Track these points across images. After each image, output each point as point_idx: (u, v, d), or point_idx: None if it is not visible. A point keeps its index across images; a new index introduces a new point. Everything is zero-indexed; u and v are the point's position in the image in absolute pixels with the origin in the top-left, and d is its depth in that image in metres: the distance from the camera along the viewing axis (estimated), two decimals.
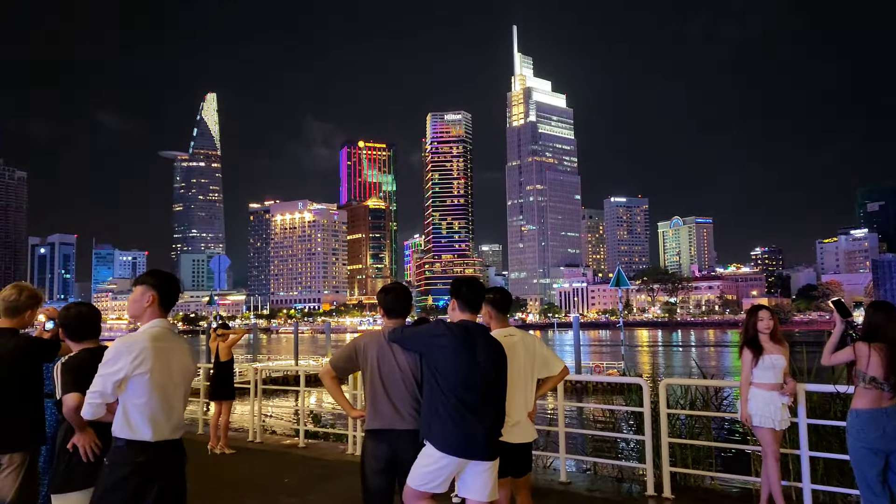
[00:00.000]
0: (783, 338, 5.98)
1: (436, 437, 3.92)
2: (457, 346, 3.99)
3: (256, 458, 9.30)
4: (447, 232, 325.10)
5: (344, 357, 4.34)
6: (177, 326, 25.88)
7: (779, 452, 5.87)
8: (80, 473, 3.93)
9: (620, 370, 43.05)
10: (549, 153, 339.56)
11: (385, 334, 4.28)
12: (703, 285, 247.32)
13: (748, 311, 6.17)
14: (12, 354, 4.55)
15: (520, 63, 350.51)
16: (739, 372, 6.04)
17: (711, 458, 8.15)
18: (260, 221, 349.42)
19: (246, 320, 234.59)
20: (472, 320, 4.24)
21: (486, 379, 4.00)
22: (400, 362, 4.22)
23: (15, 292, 4.77)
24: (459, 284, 4.31)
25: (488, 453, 3.96)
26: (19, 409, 4.55)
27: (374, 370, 4.23)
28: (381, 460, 4.11)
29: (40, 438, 4.72)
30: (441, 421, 3.92)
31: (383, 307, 4.42)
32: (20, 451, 4.56)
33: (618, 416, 11.00)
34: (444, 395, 3.94)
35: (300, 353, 52.70)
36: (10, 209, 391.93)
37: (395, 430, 4.13)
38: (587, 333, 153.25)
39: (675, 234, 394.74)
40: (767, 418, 5.78)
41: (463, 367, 3.95)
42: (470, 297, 4.26)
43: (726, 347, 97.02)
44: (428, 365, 4.08)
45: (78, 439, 3.94)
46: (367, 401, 4.26)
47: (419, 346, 4.16)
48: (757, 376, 5.87)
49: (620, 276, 35.60)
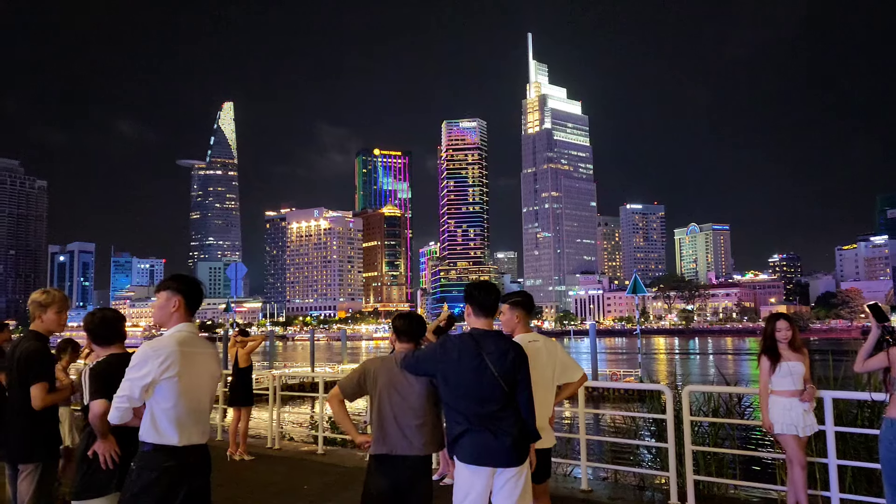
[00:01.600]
0: (803, 345, 5.93)
1: (460, 452, 3.90)
2: (469, 358, 3.92)
3: (275, 465, 9.29)
4: (462, 239, 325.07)
5: (353, 380, 4.30)
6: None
7: (805, 460, 5.77)
8: (100, 480, 3.94)
9: (637, 377, 42.71)
10: (564, 160, 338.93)
11: (397, 360, 4.24)
12: (720, 292, 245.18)
13: (766, 319, 6.14)
14: (20, 358, 4.61)
15: (535, 70, 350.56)
16: (759, 380, 5.98)
17: (735, 467, 8.04)
18: (276, 229, 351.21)
19: (262, 328, 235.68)
20: (487, 326, 4.12)
21: (502, 385, 3.91)
22: (412, 387, 4.16)
23: (38, 295, 4.83)
24: (472, 289, 4.21)
25: (513, 459, 3.88)
26: (27, 417, 4.60)
27: (383, 395, 4.17)
28: (384, 488, 4.04)
29: (51, 451, 4.75)
30: (462, 435, 3.89)
31: (396, 330, 4.47)
32: (33, 461, 4.60)
33: (634, 423, 10.89)
34: (461, 410, 3.90)
35: (316, 361, 52.81)
36: (30, 217, 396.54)
37: (400, 455, 4.06)
38: (603, 341, 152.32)
39: (692, 241, 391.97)
40: (790, 425, 5.72)
41: (477, 378, 3.89)
42: (483, 301, 4.14)
43: (744, 355, 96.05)
44: (442, 385, 4.03)
45: (99, 446, 3.94)
46: (375, 426, 4.20)
47: (429, 367, 4.09)
48: (775, 384, 5.83)
49: (637, 283, 35.40)
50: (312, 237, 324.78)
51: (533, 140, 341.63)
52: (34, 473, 4.65)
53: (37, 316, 4.78)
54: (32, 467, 4.66)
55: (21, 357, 4.66)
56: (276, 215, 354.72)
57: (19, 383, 4.62)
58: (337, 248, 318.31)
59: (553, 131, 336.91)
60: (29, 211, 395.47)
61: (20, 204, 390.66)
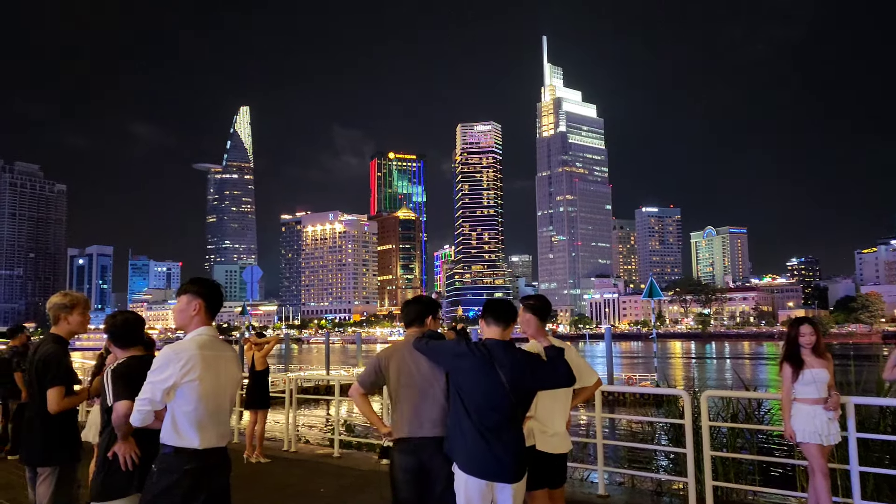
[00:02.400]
0: (826, 351, 5.80)
1: (460, 458, 3.90)
2: (478, 368, 3.91)
3: (292, 468, 9.31)
4: (477, 242, 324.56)
5: (370, 373, 4.39)
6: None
7: (827, 468, 5.67)
8: (119, 482, 3.95)
9: (653, 382, 42.44)
10: (579, 163, 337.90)
11: (408, 342, 4.30)
12: (737, 296, 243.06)
13: (789, 324, 6.00)
14: (40, 361, 4.64)
15: (550, 73, 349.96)
16: (777, 385, 5.89)
17: (754, 473, 7.95)
18: (291, 232, 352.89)
19: (277, 330, 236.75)
20: (501, 337, 4.11)
21: (510, 397, 3.91)
22: (421, 370, 4.21)
23: (58, 298, 4.86)
24: (489, 303, 4.26)
25: (512, 476, 3.87)
26: (48, 418, 4.59)
27: (395, 381, 4.25)
28: (408, 471, 4.08)
29: (73, 452, 4.78)
30: (465, 442, 3.88)
31: (402, 319, 4.58)
32: (54, 464, 4.61)
33: (652, 428, 10.81)
34: (468, 416, 3.89)
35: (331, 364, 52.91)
36: (50, 221, 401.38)
37: (415, 437, 4.10)
38: (619, 345, 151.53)
39: (709, 245, 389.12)
40: (813, 433, 5.61)
41: (485, 388, 3.89)
42: (499, 314, 4.14)
43: (762, 360, 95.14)
44: (452, 383, 4.05)
45: (119, 447, 3.96)
46: (392, 411, 4.29)
47: (442, 363, 4.14)
48: (798, 391, 5.72)
49: (653, 287, 35.15)
50: (327, 240, 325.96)
51: (547, 143, 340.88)
52: (52, 476, 4.66)
53: (61, 318, 4.77)
54: (50, 470, 4.66)
55: (39, 360, 4.68)
56: (292, 218, 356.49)
57: (38, 386, 4.63)
58: (352, 252, 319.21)
59: (568, 134, 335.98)
60: (48, 214, 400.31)
61: (40, 207, 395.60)
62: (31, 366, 4.72)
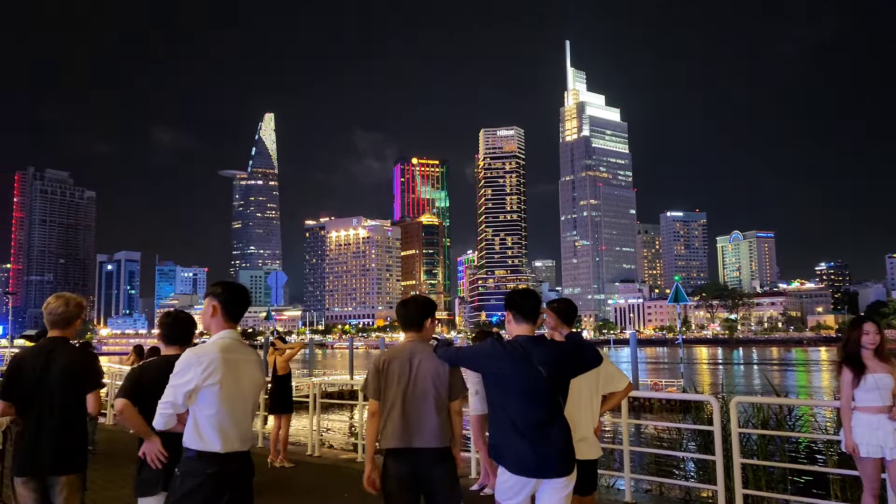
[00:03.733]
0: (890, 355, 5.29)
1: (506, 460, 3.85)
2: (518, 366, 3.87)
3: (316, 472, 9.31)
4: (500, 248, 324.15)
5: (372, 380, 4.19)
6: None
7: (878, 489, 5.24)
8: (149, 480, 4.05)
9: (679, 388, 41.92)
10: (603, 168, 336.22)
11: (407, 347, 4.18)
12: (765, 301, 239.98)
13: (850, 322, 5.51)
14: (66, 368, 4.42)
15: (573, 78, 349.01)
16: (808, 392, 5.69)
17: (786, 481, 7.77)
18: (315, 238, 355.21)
19: (301, 335, 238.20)
20: (529, 332, 4.05)
21: (552, 393, 3.90)
22: (422, 377, 4.07)
23: (61, 303, 4.62)
24: (512, 295, 4.15)
25: (562, 469, 3.84)
26: (73, 424, 4.47)
27: (393, 385, 4.09)
28: (402, 480, 3.98)
29: (86, 455, 4.71)
30: (509, 442, 3.84)
31: (399, 321, 4.40)
32: (74, 472, 4.45)
33: (679, 434, 10.65)
34: (512, 417, 3.85)
35: (355, 369, 53.04)
36: (79, 227, 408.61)
37: (412, 448, 3.99)
38: (644, 350, 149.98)
39: (735, 249, 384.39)
40: (876, 447, 5.10)
41: (525, 385, 3.85)
42: (524, 307, 4.08)
43: (791, 366, 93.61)
44: (491, 387, 3.98)
45: (146, 447, 4.01)
46: (384, 417, 4.11)
47: (477, 366, 4.07)
48: (860, 399, 5.20)
49: (679, 292, 34.73)
50: (351, 246, 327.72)
51: (571, 148, 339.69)
52: (77, 482, 4.49)
53: (76, 322, 4.69)
54: (75, 478, 4.48)
55: (76, 364, 4.52)
56: (316, 224, 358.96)
57: (74, 391, 4.45)
58: (375, 257, 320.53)
59: (591, 139, 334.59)
60: (78, 221, 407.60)
61: (70, 214, 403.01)
62: (62, 370, 4.45)
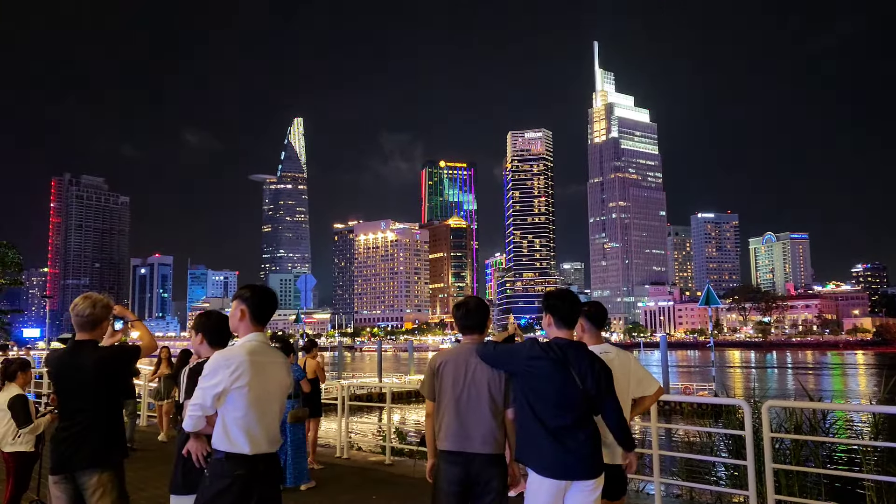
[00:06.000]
0: None
1: (534, 462, 3.84)
2: (554, 369, 3.85)
3: (345, 475, 9.36)
4: (528, 250, 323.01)
5: (427, 382, 4.22)
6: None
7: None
8: (194, 479, 4.03)
9: (711, 391, 41.37)
10: (632, 169, 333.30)
11: (464, 351, 4.15)
12: (799, 304, 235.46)
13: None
14: (95, 368, 4.38)
15: (601, 79, 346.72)
16: (843, 395, 5.60)
17: (820, 487, 7.63)
18: (344, 241, 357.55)
19: (331, 338, 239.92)
20: (568, 337, 4.05)
21: (586, 398, 3.87)
22: (478, 382, 4.05)
23: (88, 304, 4.52)
24: (555, 300, 4.10)
25: (590, 471, 3.82)
26: (104, 423, 4.44)
27: (448, 389, 4.09)
28: (453, 483, 3.97)
29: (123, 451, 4.62)
30: (538, 445, 3.83)
31: (458, 324, 4.32)
32: (108, 469, 4.40)
33: (710, 439, 10.51)
34: (541, 419, 3.83)
35: (383, 371, 53.29)
36: (114, 232, 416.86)
37: (465, 452, 3.98)
38: (674, 353, 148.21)
39: (768, 251, 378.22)
40: None
41: (560, 389, 3.83)
42: (566, 314, 4.06)
43: (826, 369, 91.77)
44: (522, 387, 3.95)
45: (191, 444, 4.02)
46: (439, 419, 4.12)
47: (514, 367, 4.02)
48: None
49: (710, 295, 34.39)
50: (379, 249, 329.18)
51: (599, 149, 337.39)
52: (116, 478, 4.42)
53: (105, 323, 4.61)
54: (112, 474, 4.41)
55: (111, 361, 4.47)
56: (344, 228, 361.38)
57: (106, 389, 4.44)
58: (403, 260, 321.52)
59: (620, 140, 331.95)
60: (112, 226, 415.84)
61: (104, 219, 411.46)
62: (91, 368, 4.39)
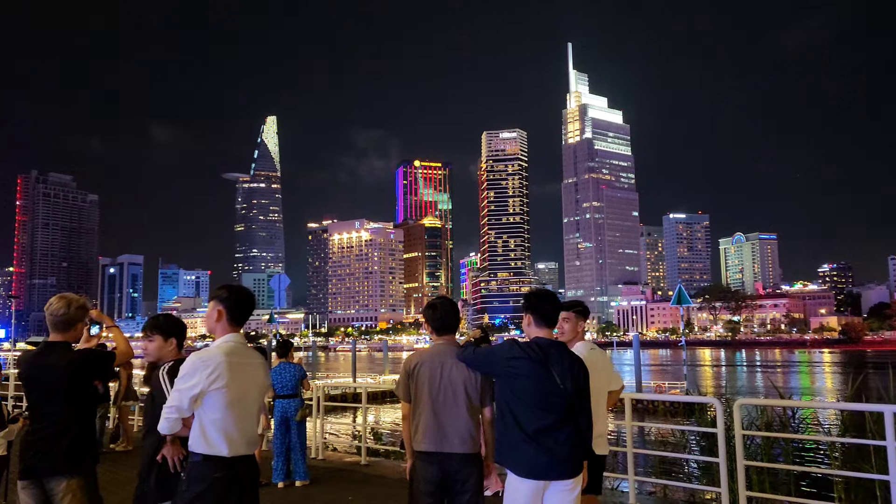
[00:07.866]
0: None
1: (513, 463, 3.83)
2: (534, 369, 3.83)
3: (320, 476, 9.32)
4: (503, 250, 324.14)
5: (403, 385, 4.22)
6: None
7: None
8: (172, 484, 3.92)
9: (683, 390, 41.89)
10: (605, 170, 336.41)
11: (438, 351, 4.15)
12: (767, 303, 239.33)
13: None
14: (67, 371, 4.22)
15: (575, 80, 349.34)
16: (811, 393, 5.73)
17: (790, 483, 7.78)
18: (318, 241, 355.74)
19: (304, 338, 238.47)
20: (549, 336, 4.05)
21: (566, 398, 3.85)
22: (454, 382, 4.06)
23: (63, 305, 4.36)
24: (535, 299, 4.10)
25: (568, 471, 3.81)
26: (75, 427, 4.25)
27: (424, 390, 4.09)
28: (430, 482, 3.99)
29: (95, 457, 4.46)
30: (517, 446, 3.81)
31: (431, 325, 4.31)
32: (78, 475, 4.23)
33: (683, 437, 10.65)
34: (521, 422, 3.81)
35: (358, 371, 53.18)
36: (82, 231, 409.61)
37: (442, 452, 3.99)
38: (647, 352, 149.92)
39: (738, 251, 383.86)
40: None
41: (541, 389, 3.81)
42: (547, 313, 4.05)
43: (794, 367, 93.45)
44: (502, 389, 3.94)
45: (167, 449, 3.96)
46: (416, 420, 4.11)
47: (493, 368, 4.01)
48: None
49: (682, 294, 34.74)
50: (354, 248, 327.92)
51: (574, 150, 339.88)
52: (86, 485, 4.28)
53: (79, 325, 4.46)
54: (78, 482, 4.25)
55: (86, 362, 4.35)
56: (318, 227, 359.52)
57: (82, 391, 4.32)
58: (378, 260, 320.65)
59: (594, 141, 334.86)
60: (81, 224, 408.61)
61: (73, 217, 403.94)
62: (62, 371, 4.25)
